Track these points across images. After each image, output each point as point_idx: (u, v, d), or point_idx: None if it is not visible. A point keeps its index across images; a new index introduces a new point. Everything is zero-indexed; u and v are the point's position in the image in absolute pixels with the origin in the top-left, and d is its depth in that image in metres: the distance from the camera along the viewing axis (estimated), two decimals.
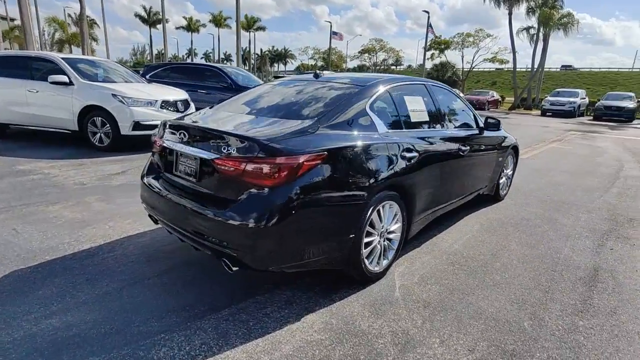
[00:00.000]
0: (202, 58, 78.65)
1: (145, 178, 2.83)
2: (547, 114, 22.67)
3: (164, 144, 2.62)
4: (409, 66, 64.17)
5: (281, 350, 2.01)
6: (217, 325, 2.19)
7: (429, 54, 36.16)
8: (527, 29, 24.43)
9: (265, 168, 2.05)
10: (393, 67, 55.62)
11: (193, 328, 2.14)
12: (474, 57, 34.55)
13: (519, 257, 3.26)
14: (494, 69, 49.88)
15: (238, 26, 23.99)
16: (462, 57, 38.72)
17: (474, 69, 38.77)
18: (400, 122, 2.98)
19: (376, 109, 2.78)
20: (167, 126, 2.68)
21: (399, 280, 2.76)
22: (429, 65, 36.56)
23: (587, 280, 2.90)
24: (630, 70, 54.69)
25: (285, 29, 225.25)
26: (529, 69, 27.25)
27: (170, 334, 2.08)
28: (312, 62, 59.13)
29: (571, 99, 22.48)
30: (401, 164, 2.70)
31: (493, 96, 26.65)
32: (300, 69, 60.53)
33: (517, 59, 26.74)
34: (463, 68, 37.69)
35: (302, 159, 2.10)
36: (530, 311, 2.45)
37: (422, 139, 3.05)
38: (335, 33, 42.62)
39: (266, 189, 2.08)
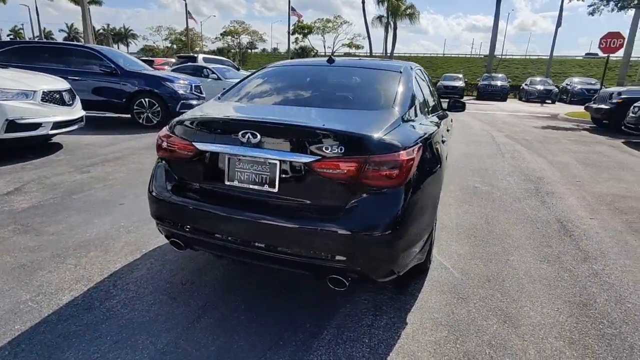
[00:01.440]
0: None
1: (162, 193, 2.19)
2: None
3: (206, 148, 2.05)
4: (264, 50, 64.16)
5: (420, 358, 1.88)
6: (333, 352, 1.90)
7: (292, 37, 36.89)
8: (380, 17, 27.33)
9: (386, 166, 1.82)
10: (250, 51, 54.77)
11: None
12: (334, 42, 36.75)
13: (507, 221, 3.74)
14: (354, 54, 54.03)
15: None
16: (324, 42, 40.82)
17: (334, 54, 41.35)
18: (425, 107, 3.01)
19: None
20: (203, 124, 2.12)
21: (447, 262, 2.86)
22: (282, 48, 37.09)
23: (563, 229, 3.54)
24: (443, 55, 66.26)
25: (119, 4, 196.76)
26: (383, 54, 30.59)
27: None
28: (167, 43, 53.21)
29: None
30: (445, 150, 2.76)
31: None
32: (152, 52, 53.92)
33: (372, 46, 29.59)
34: (325, 52, 39.72)
35: (413, 152, 1.94)
36: (545, 255, 2.87)
37: (437, 124, 3.15)
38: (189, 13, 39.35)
39: (386, 190, 1.86)
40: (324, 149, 1.84)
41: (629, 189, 4.97)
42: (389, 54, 29.20)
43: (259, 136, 1.91)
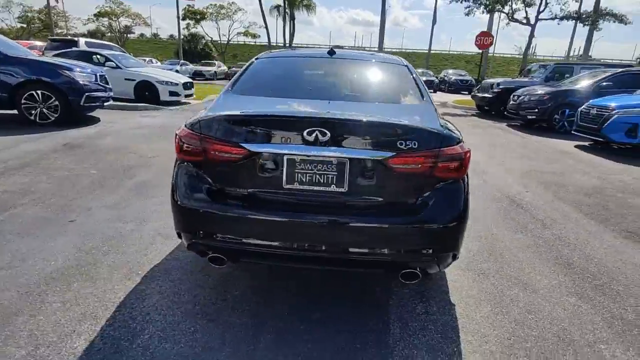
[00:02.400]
0: None
1: (199, 203, 1.91)
2: None
3: (261, 150, 1.84)
4: (142, 35, 57.72)
5: (486, 334, 2.03)
6: (412, 344, 1.92)
7: (183, 23, 34.03)
8: (277, 7, 27.07)
9: (454, 159, 1.88)
10: (127, 36, 48.82)
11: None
12: (229, 30, 35.12)
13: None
14: (252, 43, 52.04)
15: None
16: (218, 29, 38.63)
17: (231, 43, 39.53)
18: None
19: None
20: (255, 122, 1.90)
21: None
22: (162, 34, 34.08)
23: (514, 203, 4.12)
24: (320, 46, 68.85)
25: None
26: (283, 44, 30.49)
27: None
28: (21, 23, 43.52)
29: None
30: None
31: None
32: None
33: (270, 36, 29.21)
34: (220, 41, 37.79)
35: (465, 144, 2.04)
36: (516, 226, 3.34)
37: None
38: None
39: (453, 182, 1.93)
40: (398, 144, 1.82)
41: (537, 165, 6.00)
42: (287, 45, 29.25)
43: (328, 134, 1.79)
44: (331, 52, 2.88)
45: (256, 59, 2.87)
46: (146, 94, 10.55)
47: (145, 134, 6.70)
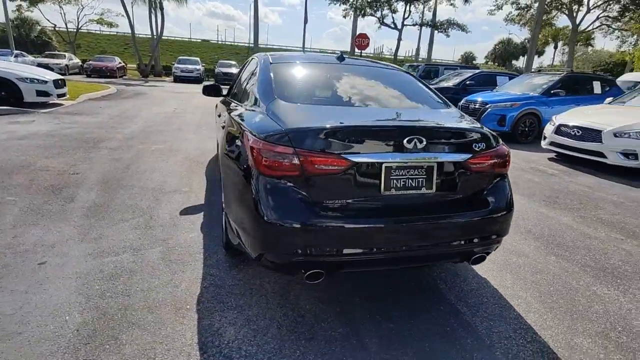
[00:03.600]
0: None
1: (297, 218, 1.83)
2: (179, 80, 24.51)
3: (363, 160, 1.86)
4: None
5: (531, 303, 2.47)
6: (486, 322, 2.22)
7: (12, 4, 27.38)
8: None
9: (505, 157, 2.22)
10: None
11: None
12: (78, 16, 29.76)
13: None
14: (108, 33, 44.60)
15: None
16: (63, 14, 32.12)
17: (80, 30, 33.51)
18: None
19: None
20: (355, 133, 1.92)
21: None
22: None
23: None
24: (190, 39, 64.41)
25: None
26: (145, 36, 27.36)
27: None
28: None
29: (197, 67, 25.36)
30: None
31: (120, 63, 25.09)
32: None
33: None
34: (67, 27, 31.70)
35: None
36: None
37: None
38: None
39: (503, 176, 2.27)
40: (473, 146, 2.07)
41: None
42: (156, 36, 26.55)
43: (424, 141, 1.93)
44: (341, 59, 2.96)
45: (270, 63, 2.74)
46: (2, 93, 8.42)
47: (37, 145, 5.44)
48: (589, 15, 22.34)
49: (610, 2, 19.88)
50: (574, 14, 22.34)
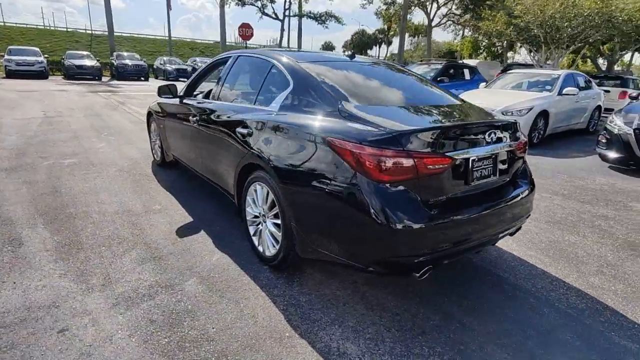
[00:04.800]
0: None
1: (417, 219, 1.87)
2: (15, 75, 19.89)
3: (461, 156, 1.99)
4: None
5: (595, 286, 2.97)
6: (545, 291, 2.62)
7: None
8: None
9: (525, 142, 2.61)
10: None
11: None
12: None
13: None
14: None
15: None
16: None
17: None
18: None
19: None
20: (453, 132, 2.02)
21: None
22: None
23: None
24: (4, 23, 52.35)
25: None
26: None
27: None
28: None
29: (38, 58, 20.87)
30: None
31: None
32: None
33: None
34: None
35: None
36: None
37: None
38: None
39: (524, 159, 2.65)
40: (516, 134, 2.39)
41: None
42: None
43: (498, 133, 2.15)
44: (352, 56, 2.96)
45: (298, 62, 2.58)
46: None
47: None
48: (440, 10, 26.32)
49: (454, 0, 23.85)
50: (428, 10, 26.02)
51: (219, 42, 26.93)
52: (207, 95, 3.56)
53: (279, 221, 2.38)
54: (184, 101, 3.76)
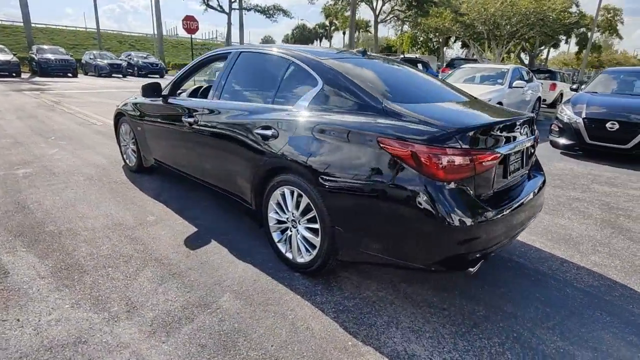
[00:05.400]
0: None
1: (477, 215, 1.90)
2: None
3: (506, 151, 2.06)
4: None
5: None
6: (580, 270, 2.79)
7: None
8: None
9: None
10: None
11: None
12: None
13: None
14: None
15: None
16: None
17: None
18: None
19: None
20: (500, 129, 2.06)
21: None
22: None
23: None
24: None
25: None
26: None
27: None
28: None
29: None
30: None
31: None
32: None
33: None
34: None
35: None
36: None
37: None
38: None
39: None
40: (534, 128, 2.52)
41: None
42: None
43: (526, 127, 2.26)
44: (364, 54, 2.92)
45: (322, 61, 2.47)
46: None
47: None
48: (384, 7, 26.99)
49: None
50: (374, 6, 26.53)
51: (150, 35, 25.26)
52: (203, 94, 3.29)
53: (313, 225, 2.28)
54: (171, 101, 3.46)
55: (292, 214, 2.42)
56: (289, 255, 2.50)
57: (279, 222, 2.55)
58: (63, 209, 3.29)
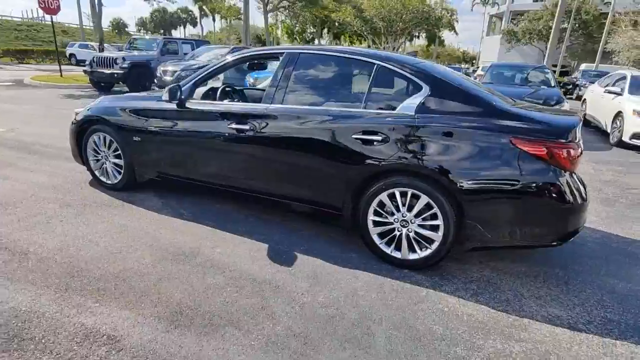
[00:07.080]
0: None
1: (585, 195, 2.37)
2: None
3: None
4: None
5: None
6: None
7: None
8: None
9: None
10: None
11: None
12: None
13: None
14: None
15: None
16: None
17: None
18: None
19: None
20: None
21: None
22: None
23: None
24: None
25: None
26: None
27: None
28: None
29: None
30: None
31: None
32: None
33: None
34: None
35: None
36: None
37: None
38: None
39: None
40: None
41: None
42: None
43: None
44: (415, 55, 3.10)
45: (417, 64, 2.58)
46: None
47: None
48: None
49: None
50: None
51: None
52: (228, 96, 2.99)
53: (427, 223, 2.43)
54: (196, 107, 3.06)
55: (400, 214, 2.51)
56: (396, 254, 2.57)
57: (381, 223, 2.59)
58: (99, 257, 2.61)
